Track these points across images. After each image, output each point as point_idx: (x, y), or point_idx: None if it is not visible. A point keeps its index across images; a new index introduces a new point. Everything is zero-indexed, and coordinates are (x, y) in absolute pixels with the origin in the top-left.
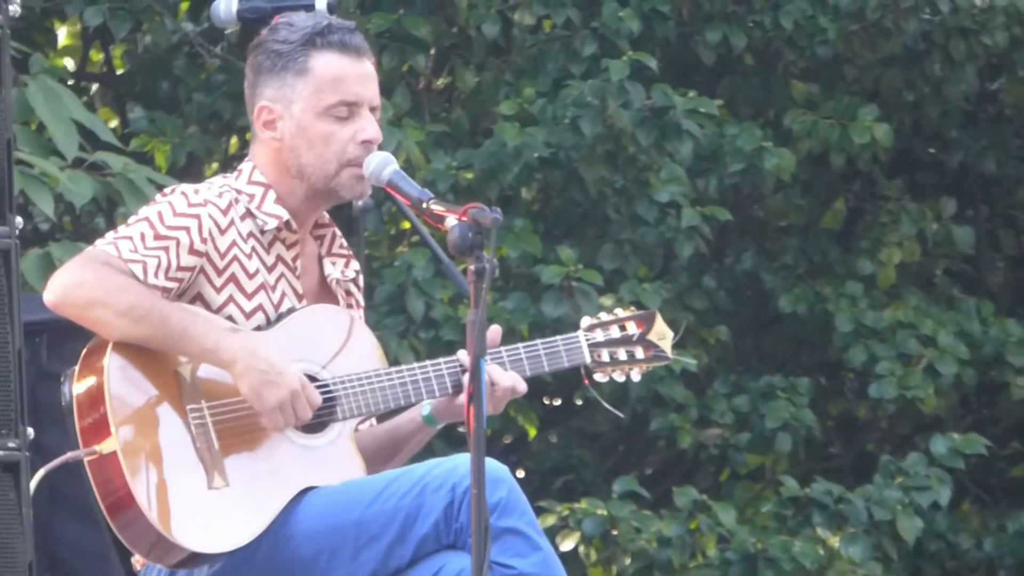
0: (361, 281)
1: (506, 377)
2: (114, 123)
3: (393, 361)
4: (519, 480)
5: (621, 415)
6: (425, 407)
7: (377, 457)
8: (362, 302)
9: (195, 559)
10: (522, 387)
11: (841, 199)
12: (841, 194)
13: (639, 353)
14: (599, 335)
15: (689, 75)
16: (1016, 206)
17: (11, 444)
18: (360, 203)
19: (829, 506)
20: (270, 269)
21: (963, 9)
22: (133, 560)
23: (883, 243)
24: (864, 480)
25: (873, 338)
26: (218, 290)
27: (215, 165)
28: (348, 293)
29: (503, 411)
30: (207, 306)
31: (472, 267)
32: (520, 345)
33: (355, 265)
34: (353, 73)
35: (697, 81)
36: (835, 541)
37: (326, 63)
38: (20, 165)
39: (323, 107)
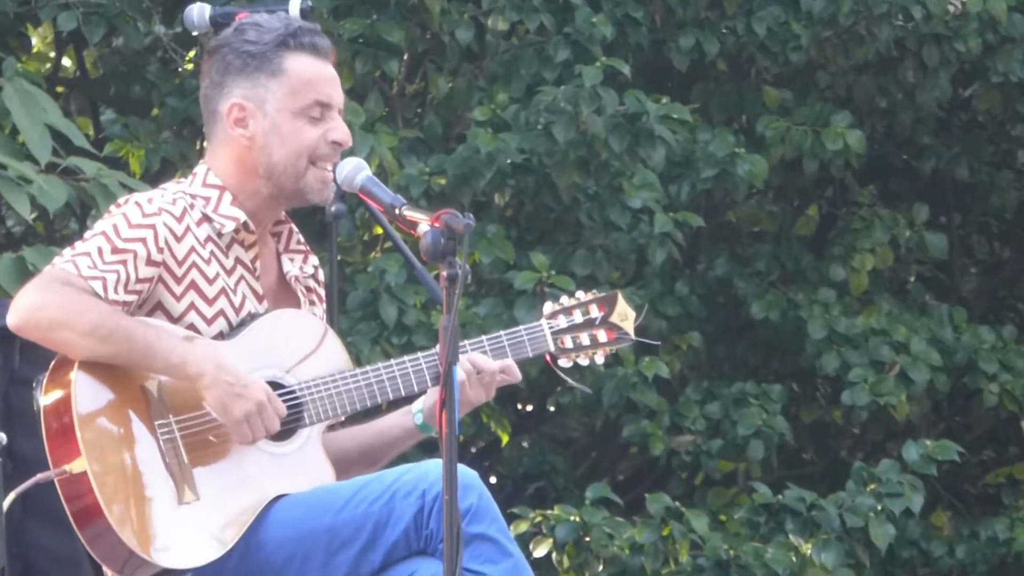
0: (321, 276)
1: (492, 361)
2: (88, 128)
3: (364, 366)
4: (491, 486)
5: (588, 390)
6: (417, 415)
7: (362, 460)
8: (323, 295)
9: (167, 575)
10: (515, 372)
11: (814, 205)
12: (814, 200)
13: (602, 336)
14: (562, 321)
15: (662, 81)
16: (989, 212)
17: None
18: (333, 208)
19: (802, 513)
20: (229, 272)
21: (936, 16)
22: (106, 570)
23: (856, 249)
24: (837, 487)
25: (846, 345)
26: (178, 298)
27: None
28: (308, 289)
29: (475, 416)
30: (168, 315)
31: (445, 273)
32: (484, 337)
33: (313, 260)
34: (324, 75)
35: (670, 87)
36: (807, 548)
37: (300, 64)
38: None
39: (298, 107)
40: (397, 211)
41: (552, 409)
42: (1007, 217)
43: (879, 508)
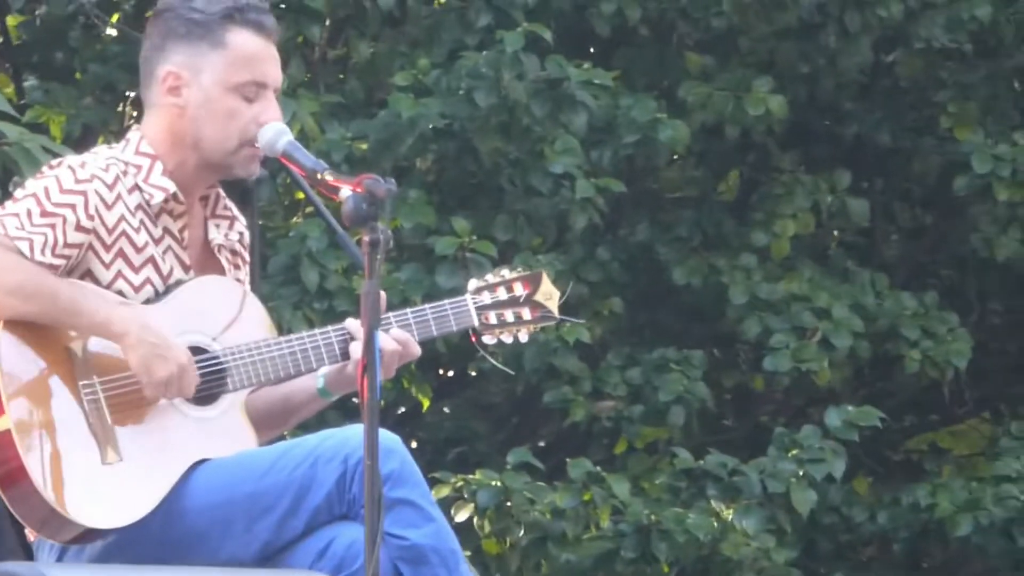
0: (247, 239)
1: (388, 341)
2: (9, 91)
3: (286, 331)
4: (412, 451)
5: (512, 372)
6: (319, 379)
7: (268, 423)
8: (247, 258)
9: (88, 535)
10: (415, 349)
11: (736, 171)
12: (736, 166)
13: (526, 314)
14: (486, 297)
15: (584, 46)
16: (911, 178)
17: None
18: None
19: (723, 478)
20: (157, 242)
21: None
22: (27, 531)
23: (777, 215)
24: (758, 452)
25: (767, 310)
26: (107, 266)
27: (110, 137)
28: (234, 253)
29: (396, 381)
30: (96, 282)
31: (366, 238)
32: (408, 310)
33: (239, 226)
34: (266, 54)
35: (592, 52)
36: (729, 513)
37: (243, 40)
38: None
39: (234, 83)
40: (319, 176)
41: (473, 374)
42: (929, 183)
43: (800, 474)
